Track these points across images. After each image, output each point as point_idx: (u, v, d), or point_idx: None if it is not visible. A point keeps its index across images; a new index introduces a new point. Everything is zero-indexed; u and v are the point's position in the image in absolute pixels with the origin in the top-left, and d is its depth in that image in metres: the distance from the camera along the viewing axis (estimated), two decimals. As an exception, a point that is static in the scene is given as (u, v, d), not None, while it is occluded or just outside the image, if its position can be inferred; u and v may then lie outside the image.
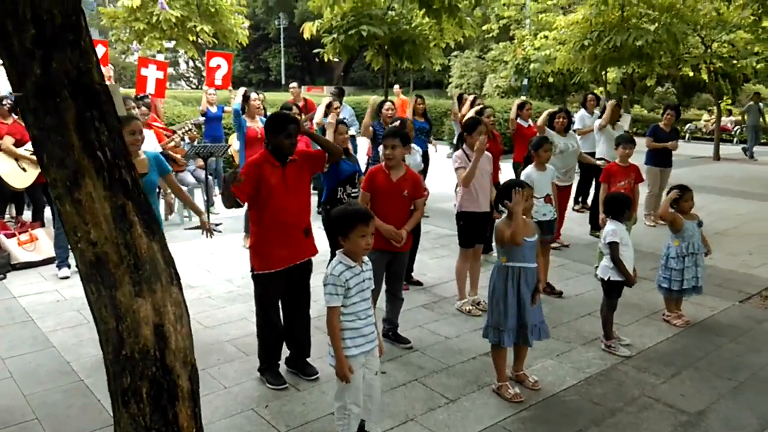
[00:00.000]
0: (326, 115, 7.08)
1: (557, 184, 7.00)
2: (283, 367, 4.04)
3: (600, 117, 8.39)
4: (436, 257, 6.81)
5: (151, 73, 9.12)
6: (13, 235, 6.12)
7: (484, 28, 28.47)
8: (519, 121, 8.24)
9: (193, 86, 44.46)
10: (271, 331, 3.90)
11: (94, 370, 4.02)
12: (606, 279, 4.52)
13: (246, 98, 6.54)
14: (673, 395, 3.85)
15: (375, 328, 3.18)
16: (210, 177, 8.27)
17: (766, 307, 5.42)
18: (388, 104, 7.14)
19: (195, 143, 8.15)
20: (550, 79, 22.65)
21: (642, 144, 8.69)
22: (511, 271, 3.74)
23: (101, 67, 6.98)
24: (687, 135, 22.21)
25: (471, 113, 6.02)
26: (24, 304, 5.16)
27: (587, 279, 6.08)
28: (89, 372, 4.01)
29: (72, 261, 6.14)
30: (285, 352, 4.06)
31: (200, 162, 8.51)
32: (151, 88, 9.31)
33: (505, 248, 3.75)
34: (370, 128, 6.83)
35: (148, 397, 1.83)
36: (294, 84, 10.45)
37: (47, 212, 7.06)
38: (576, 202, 9.19)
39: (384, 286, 4.46)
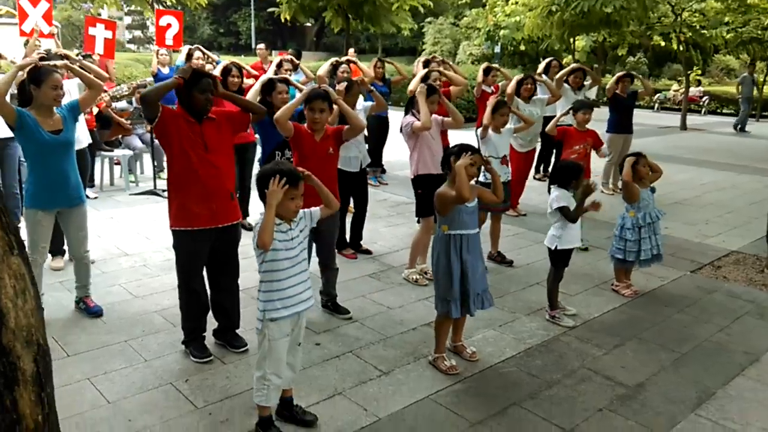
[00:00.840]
0: (276, 74, 6.76)
1: (517, 150, 6.86)
2: (211, 340, 3.84)
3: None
4: (390, 225, 6.61)
5: (99, 33, 8.59)
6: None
7: (457, -7, 27.97)
8: (484, 87, 8.03)
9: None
10: (195, 301, 3.68)
11: None
12: (553, 248, 4.38)
13: (189, 56, 6.19)
14: (613, 367, 3.73)
15: (308, 286, 2.97)
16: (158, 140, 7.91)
17: (718, 278, 5.35)
18: (344, 66, 6.83)
19: (142, 105, 7.76)
20: (522, 47, 22.32)
21: (604, 113, 8.56)
22: (453, 240, 3.54)
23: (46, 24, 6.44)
24: (656, 105, 22.22)
25: (417, 78, 5.77)
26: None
27: (541, 248, 5.86)
28: None
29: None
30: (214, 324, 3.86)
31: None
32: (99, 48, 8.86)
33: (447, 216, 3.55)
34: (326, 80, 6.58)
35: (-20, 382, 1.59)
36: (261, 45, 10.02)
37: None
38: (537, 170, 9.04)
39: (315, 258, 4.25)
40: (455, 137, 6.32)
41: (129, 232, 5.99)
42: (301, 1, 8.08)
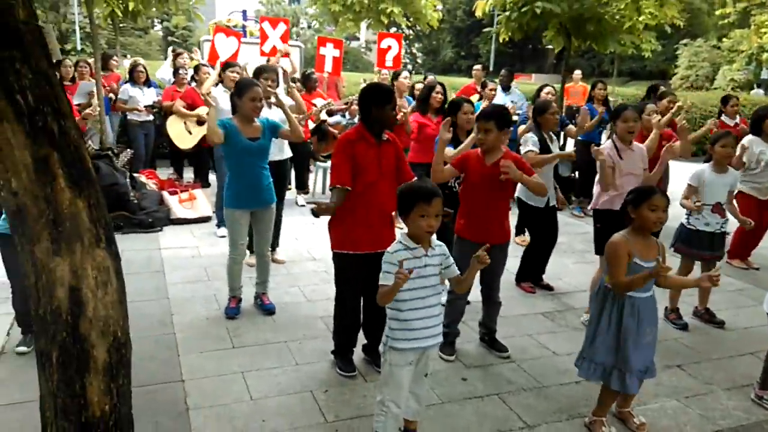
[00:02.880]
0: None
1: (756, 196, 5.82)
2: (360, 355, 3.83)
3: None
4: (582, 261, 6.03)
5: (329, 52, 9.29)
6: (175, 193, 6.71)
7: (717, 12, 24.92)
8: (723, 118, 7.01)
9: (408, 71, 45.66)
10: (348, 318, 3.69)
11: (189, 327, 4.19)
12: None
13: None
14: (833, 480, 2.88)
15: (437, 322, 2.79)
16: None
17: None
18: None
19: (356, 119, 8.23)
20: (797, 73, 19.09)
21: None
22: (618, 300, 3.04)
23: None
24: None
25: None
26: (164, 255, 5.61)
27: (768, 311, 4.91)
28: (184, 327, 4.18)
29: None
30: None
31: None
32: (328, 67, 9.49)
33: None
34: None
35: (57, 362, 1.72)
36: (478, 66, 10.03)
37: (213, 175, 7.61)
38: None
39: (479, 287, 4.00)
40: (682, 169, 5.53)
41: (324, 238, 6.27)
42: (517, 19, 7.83)
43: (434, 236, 2.78)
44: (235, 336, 4.09)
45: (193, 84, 7.63)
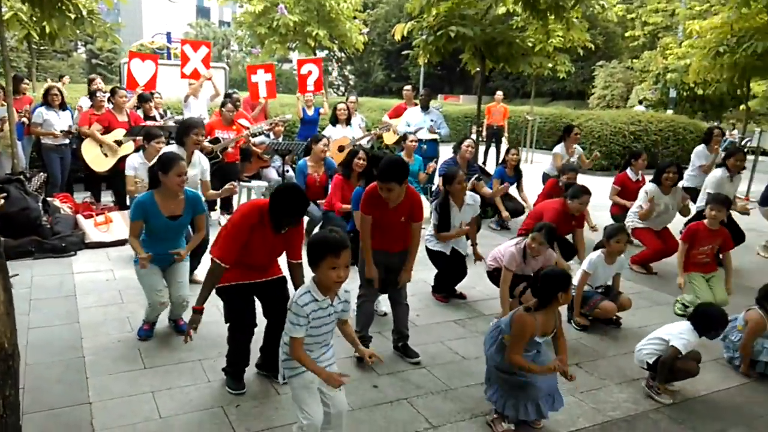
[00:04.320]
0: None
1: (654, 230, 6.36)
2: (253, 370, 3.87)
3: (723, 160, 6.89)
4: (497, 271, 6.29)
5: (261, 78, 9.30)
6: (90, 216, 6.58)
7: (627, 34, 26.47)
8: (629, 172, 7.28)
9: (340, 93, 45.94)
10: (243, 332, 3.74)
11: (100, 350, 4.13)
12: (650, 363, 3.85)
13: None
14: (705, 459, 3.15)
15: (332, 352, 2.93)
16: (290, 173, 8.34)
17: None
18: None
19: (280, 139, 8.30)
20: (701, 91, 20.39)
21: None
22: None
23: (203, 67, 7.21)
24: None
25: None
26: (77, 280, 5.49)
27: (662, 311, 5.29)
28: (95, 350, 4.12)
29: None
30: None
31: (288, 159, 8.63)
32: (263, 92, 9.38)
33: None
34: None
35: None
36: (408, 87, 10.20)
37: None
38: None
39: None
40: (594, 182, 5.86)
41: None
42: (433, 43, 8.14)
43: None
44: (147, 357, 4.06)
45: (110, 106, 7.52)
